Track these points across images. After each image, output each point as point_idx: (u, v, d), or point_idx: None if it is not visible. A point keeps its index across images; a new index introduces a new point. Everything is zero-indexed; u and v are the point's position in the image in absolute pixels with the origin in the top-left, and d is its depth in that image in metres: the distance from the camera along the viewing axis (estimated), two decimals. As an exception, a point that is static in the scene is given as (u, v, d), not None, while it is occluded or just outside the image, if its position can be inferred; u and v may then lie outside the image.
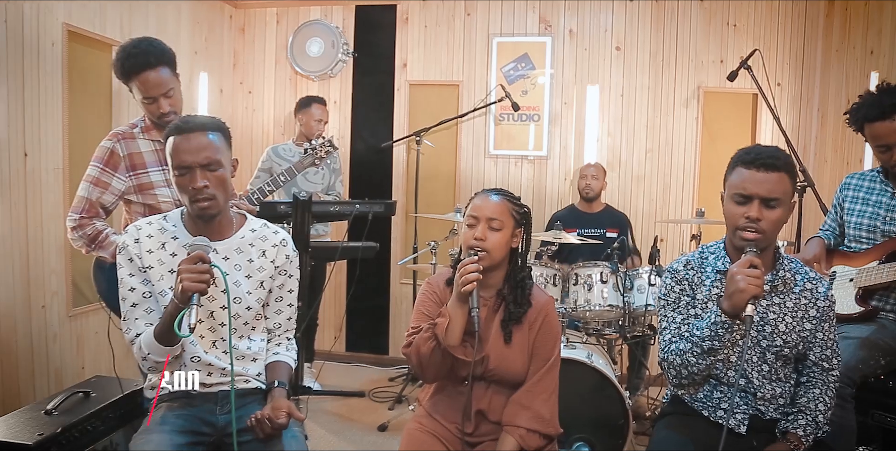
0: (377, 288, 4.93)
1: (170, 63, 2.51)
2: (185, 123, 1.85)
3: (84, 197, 2.50)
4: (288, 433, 1.84)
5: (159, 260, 1.89)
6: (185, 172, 1.82)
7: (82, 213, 2.49)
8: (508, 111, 4.68)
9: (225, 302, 1.89)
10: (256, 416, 1.77)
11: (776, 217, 1.79)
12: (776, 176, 1.79)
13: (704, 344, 1.78)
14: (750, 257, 1.72)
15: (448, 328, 1.90)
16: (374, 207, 3.61)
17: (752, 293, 1.66)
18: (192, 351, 1.89)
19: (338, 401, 4.09)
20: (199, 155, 1.81)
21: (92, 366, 3.48)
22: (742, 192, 1.80)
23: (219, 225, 1.95)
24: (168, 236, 1.92)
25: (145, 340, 1.81)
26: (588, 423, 2.93)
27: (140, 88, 2.48)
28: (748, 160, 1.81)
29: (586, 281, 3.37)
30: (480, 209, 1.99)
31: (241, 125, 5.08)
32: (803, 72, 4.51)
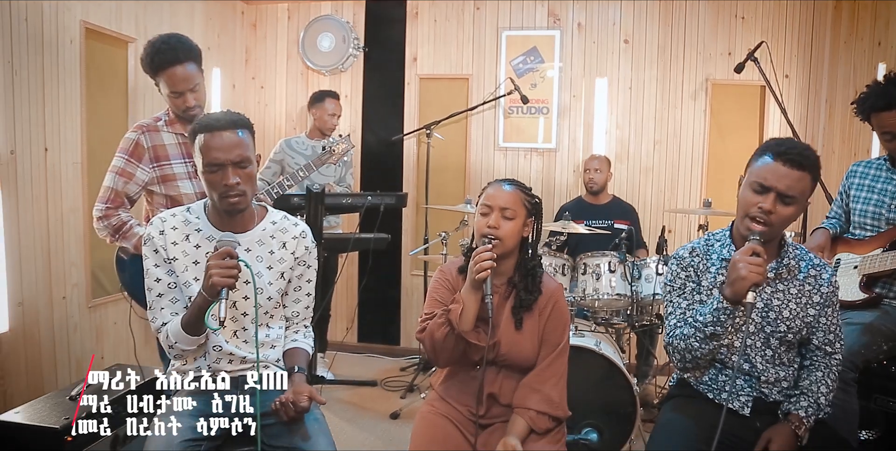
0: (388, 280, 5.00)
1: (196, 59, 2.59)
2: (217, 121, 1.88)
3: (109, 187, 2.57)
4: (310, 416, 1.91)
5: (183, 252, 1.95)
6: (217, 170, 1.86)
7: (108, 203, 2.57)
8: (517, 104, 4.73)
9: (247, 293, 1.95)
10: (280, 400, 1.83)
11: (788, 213, 1.81)
12: (799, 174, 1.79)
13: (707, 329, 1.82)
14: (753, 244, 1.75)
15: (462, 314, 1.95)
16: (386, 199, 3.68)
17: (753, 281, 1.69)
18: (215, 340, 1.96)
19: (350, 390, 4.16)
20: (231, 153, 1.85)
21: (111, 355, 3.57)
22: (762, 182, 1.81)
23: (241, 218, 2.00)
24: (192, 228, 1.98)
25: (172, 329, 1.88)
26: (597, 410, 2.98)
27: (167, 83, 2.55)
28: (778, 152, 1.81)
29: (594, 271, 3.42)
30: (494, 198, 2.04)
31: (254, 120, 4.95)
32: (811, 63, 4.53)
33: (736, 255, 1.75)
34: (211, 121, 1.89)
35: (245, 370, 1.99)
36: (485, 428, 2.03)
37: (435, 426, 2.03)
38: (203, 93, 2.64)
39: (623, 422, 2.99)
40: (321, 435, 1.89)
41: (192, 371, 1.99)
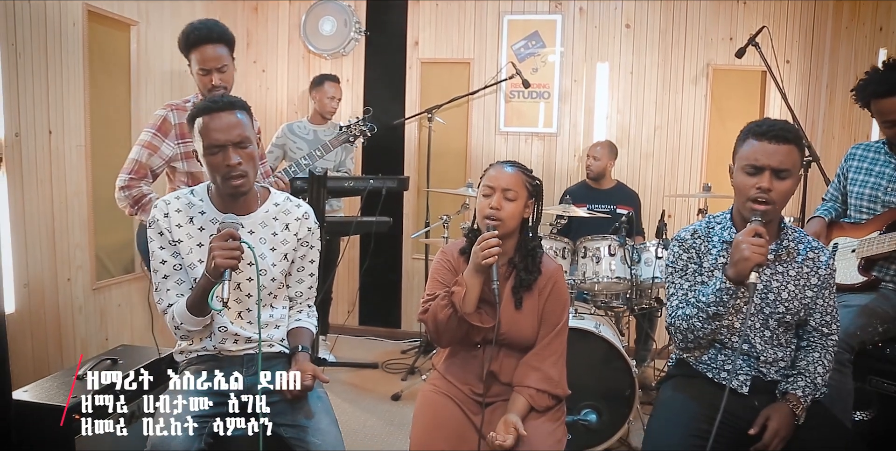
0: (390, 263, 5.03)
1: (228, 43, 2.73)
2: (214, 102, 1.91)
3: (134, 159, 2.67)
4: (313, 394, 1.94)
5: (188, 234, 1.97)
6: (218, 151, 1.88)
7: (132, 173, 2.66)
8: (519, 89, 4.73)
9: (250, 275, 1.98)
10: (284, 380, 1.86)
11: (786, 188, 1.85)
12: (787, 148, 1.83)
13: (710, 309, 1.86)
14: (755, 225, 1.79)
15: (465, 297, 1.98)
16: (388, 183, 3.69)
17: (756, 261, 1.73)
18: (220, 321, 1.99)
19: (352, 372, 4.21)
20: (231, 133, 1.87)
21: (115, 337, 3.61)
22: (754, 163, 1.85)
23: (245, 200, 2.02)
24: (196, 210, 2.00)
25: (178, 310, 1.91)
26: (596, 392, 3.02)
27: (197, 59, 2.67)
28: (760, 132, 1.86)
29: (595, 254, 3.45)
30: (496, 180, 2.06)
31: (255, 103, 5.14)
32: (812, 49, 4.52)
33: (739, 236, 1.79)
34: (208, 103, 1.91)
35: (251, 349, 2.03)
36: (486, 407, 2.06)
37: (437, 404, 2.07)
38: (231, 77, 2.75)
39: (622, 404, 3.03)
40: (324, 414, 1.92)
41: (196, 351, 2.03)
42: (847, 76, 4.20)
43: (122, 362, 2.57)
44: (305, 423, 1.87)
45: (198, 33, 2.65)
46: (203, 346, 2.03)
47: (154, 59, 3.91)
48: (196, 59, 2.67)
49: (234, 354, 2.02)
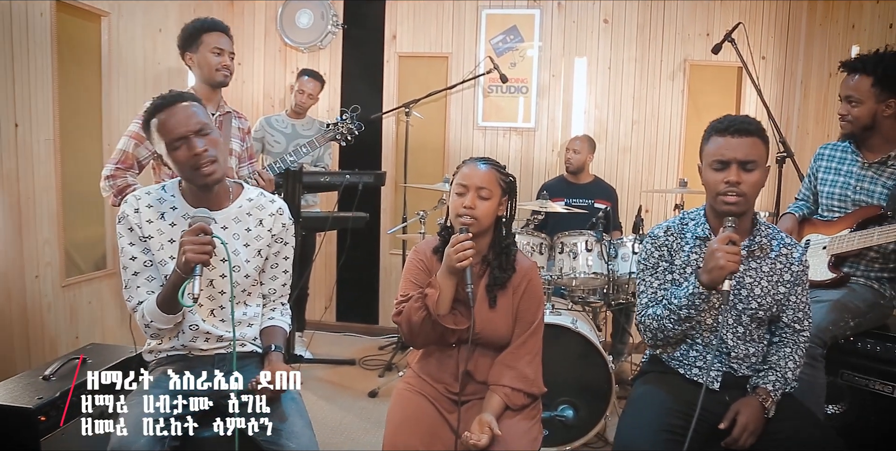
0: (367, 258, 5.00)
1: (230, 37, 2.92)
2: (162, 99, 1.89)
3: (122, 150, 2.70)
4: (287, 396, 1.90)
5: (158, 230, 1.93)
6: (181, 144, 1.84)
7: (118, 163, 2.70)
8: (497, 83, 4.72)
9: (223, 271, 1.95)
10: (258, 380, 1.82)
11: (754, 180, 1.87)
12: (750, 140, 1.87)
13: (682, 313, 1.88)
14: (728, 233, 1.81)
15: (438, 299, 1.96)
16: (364, 178, 3.66)
17: (731, 270, 1.76)
18: (191, 319, 1.95)
19: (329, 369, 4.18)
20: (189, 122, 1.84)
21: (86, 335, 3.54)
22: (720, 158, 1.88)
23: (217, 195, 1.98)
24: (167, 206, 1.96)
25: (148, 308, 1.87)
26: (573, 387, 3.02)
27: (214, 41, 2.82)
28: (722, 128, 1.90)
29: (571, 249, 3.45)
30: (469, 178, 2.03)
31: (231, 97, 5.06)
32: (787, 45, 4.56)
33: (713, 243, 1.80)
34: (159, 102, 1.89)
35: (222, 348, 1.99)
36: (461, 406, 2.05)
37: (411, 403, 2.04)
38: (233, 66, 2.93)
39: (599, 399, 3.03)
40: (297, 416, 1.89)
41: (166, 351, 2.00)
42: (821, 72, 4.24)
43: (91, 361, 2.52)
44: (279, 426, 1.83)
45: (212, 22, 2.84)
46: (172, 345, 1.99)
47: (127, 52, 3.83)
48: (209, 41, 2.81)
49: (205, 353, 1.99)
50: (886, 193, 2.52)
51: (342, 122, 3.32)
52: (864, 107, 2.51)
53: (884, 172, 2.55)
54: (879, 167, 2.56)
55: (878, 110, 2.50)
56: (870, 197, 2.57)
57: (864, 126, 2.54)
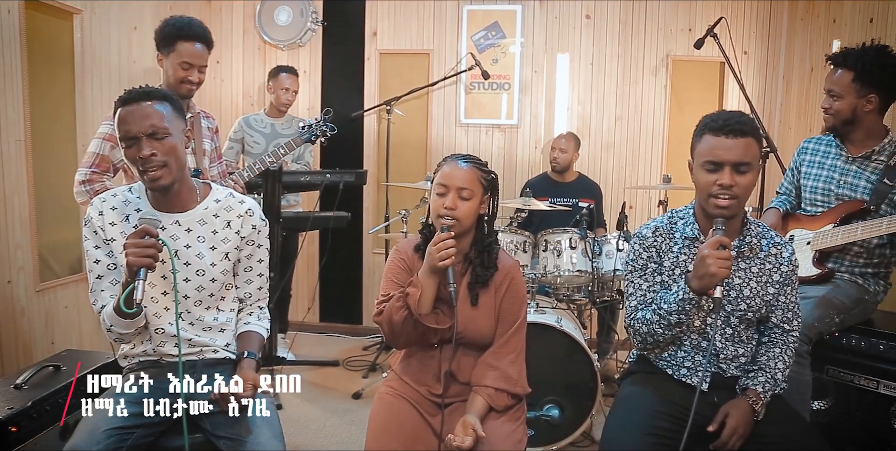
0: (350, 258, 4.95)
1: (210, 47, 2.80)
2: (129, 93, 1.83)
3: (95, 152, 2.62)
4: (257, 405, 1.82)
5: (122, 233, 1.87)
6: (133, 143, 1.78)
7: (93, 167, 2.61)
8: (479, 80, 4.68)
9: (188, 275, 1.90)
10: (220, 391, 1.76)
11: (747, 182, 1.82)
12: (745, 141, 1.80)
13: (672, 318, 1.85)
14: (719, 237, 1.75)
15: (420, 298, 1.93)
16: (345, 177, 3.62)
17: (722, 277, 1.71)
18: (157, 323, 1.89)
19: (313, 370, 4.12)
20: (143, 124, 1.77)
21: (62, 340, 3.47)
22: (713, 159, 1.81)
23: (180, 196, 1.92)
24: (131, 208, 1.90)
25: (107, 312, 1.81)
26: (558, 386, 2.99)
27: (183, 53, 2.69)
28: (716, 127, 1.82)
29: (555, 247, 3.42)
30: (450, 178, 1.99)
31: (209, 96, 5.01)
32: (769, 40, 4.55)
33: (704, 249, 1.75)
34: (125, 95, 1.83)
35: (192, 354, 1.94)
36: (444, 408, 2.01)
37: (392, 407, 2.00)
38: (204, 77, 2.81)
39: (584, 398, 3.00)
40: (266, 427, 1.81)
41: (138, 356, 1.94)
42: (802, 67, 4.24)
43: (65, 368, 2.46)
44: (245, 438, 1.77)
45: (190, 28, 2.70)
46: (144, 350, 1.93)
47: (101, 51, 3.75)
48: (182, 52, 2.69)
49: (175, 360, 1.92)
50: (870, 188, 2.51)
51: (317, 124, 3.27)
52: (845, 101, 2.50)
53: (867, 167, 2.53)
54: (863, 161, 2.55)
55: (858, 105, 2.48)
56: (853, 191, 2.56)
57: (845, 120, 2.53)
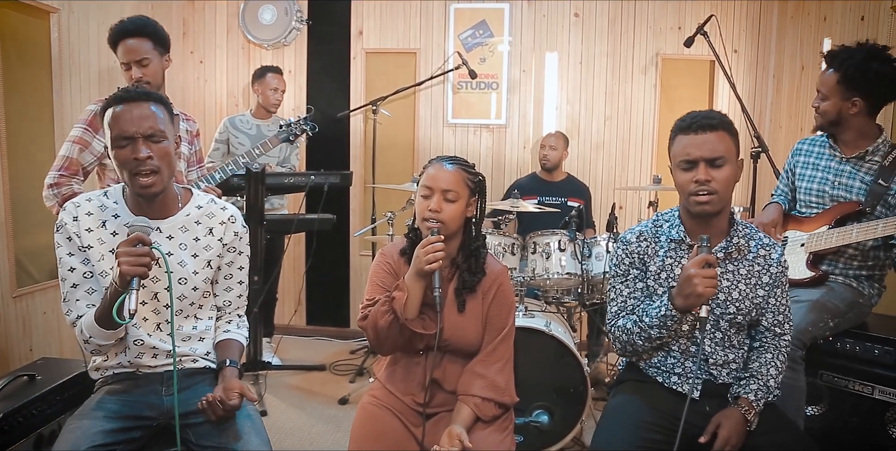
0: (337, 260, 4.88)
1: (154, 37, 2.68)
2: (126, 92, 1.76)
3: (65, 156, 2.58)
4: (242, 413, 1.79)
5: (99, 239, 1.80)
6: (127, 144, 1.71)
7: (62, 170, 2.57)
8: (466, 79, 4.62)
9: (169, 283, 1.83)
10: (207, 398, 1.71)
11: (725, 176, 1.79)
12: (714, 135, 1.79)
13: (652, 332, 1.81)
14: (704, 255, 1.71)
15: (406, 303, 1.87)
16: (330, 179, 3.55)
17: (708, 296, 1.68)
18: (136, 334, 1.82)
19: (298, 375, 4.05)
20: (141, 125, 1.71)
21: (40, 347, 3.38)
22: (686, 158, 1.81)
23: (162, 202, 1.85)
24: (108, 213, 1.83)
25: (86, 323, 1.73)
26: (548, 391, 2.94)
27: (120, 54, 2.65)
28: (684, 127, 1.83)
29: (544, 249, 3.36)
30: (435, 180, 1.94)
31: (193, 96, 4.93)
32: (759, 38, 4.52)
33: (690, 268, 1.70)
34: (120, 93, 1.75)
35: (169, 366, 1.86)
36: (429, 418, 1.95)
37: (375, 418, 1.95)
38: (155, 72, 2.70)
39: (574, 402, 2.95)
40: (254, 434, 1.76)
41: (112, 368, 1.87)
42: (793, 66, 4.21)
43: (40, 378, 2.37)
44: (233, 446, 1.72)
45: (120, 27, 2.63)
46: (119, 362, 1.85)
47: (79, 51, 3.67)
48: (124, 52, 2.64)
49: (153, 370, 1.86)
50: (865, 189, 2.47)
51: (296, 123, 3.21)
52: (830, 102, 2.47)
53: (861, 168, 2.49)
54: (857, 162, 2.51)
55: (843, 107, 2.45)
56: (848, 192, 2.52)
57: (831, 121, 2.50)
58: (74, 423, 1.67)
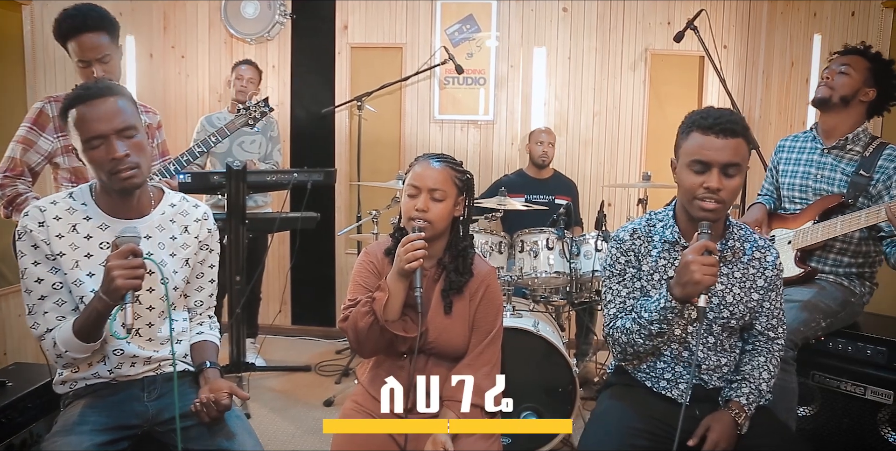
0: (322, 259, 4.80)
1: (109, 30, 2.50)
2: (87, 89, 1.66)
3: (9, 156, 2.49)
4: (230, 414, 1.74)
5: (72, 245, 1.70)
6: (100, 144, 1.63)
7: (6, 172, 2.48)
8: (453, 75, 4.55)
9: (151, 284, 1.75)
10: (201, 400, 1.66)
11: (735, 185, 1.71)
12: (735, 142, 1.68)
13: (653, 327, 1.73)
14: (704, 241, 1.63)
15: (387, 304, 1.82)
16: (313, 176, 3.48)
17: (707, 284, 1.60)
18: (116, 344, 1.74)
19: (283, 377, 3.98)
20: (112, 121, 1.63)
21: (16, 352, 3.29)
22: (701, 159, 1.69)
23: (137, 201, 1.78)
24: (79, 216, 1.73)
25: (61, 336, 1.64)
26: (536, 392, 2.90)
27: (75, 51, 2.47)
28: (706, 125, 1.69)
29: (532, 248, 3.31)
30: (422, 178, 1.89)
31: (175, 92, 4.83)
32: (748, 34, 4.49)
33: (689, 254, 1.62)
34: (82, 91, 1.66)
35: (150, 372, 1.80)
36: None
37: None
38: (115, 67, 2.55)
39: (563, 403, 2.92)
40: (246, 434, 1.73)
41: (85, 379, 1.77)
42: (783, 62, 4.17)
43: (11, 384, 2.29)
44: (227, 446, 1.68)
45: (72, 21, 2.43)
46: (95, 372, 1.76)
47: (54, 45, 3.47)
48: (74, 50, 2.47)
49: (132, 378, 1.78)
50: (846, 181, 2.45)
51: (255, 106, 3.08)
52: (852, 79, 2.44)
53: (843, 159, 2.49)
54: (838, 153, 2.50)
55: (861, 90, 2.44)
56: (830, 185, 2.50)
57: (843, 97, 2.46)
58: (60, 440, 1.59)
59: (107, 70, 2.48)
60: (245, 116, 3.04)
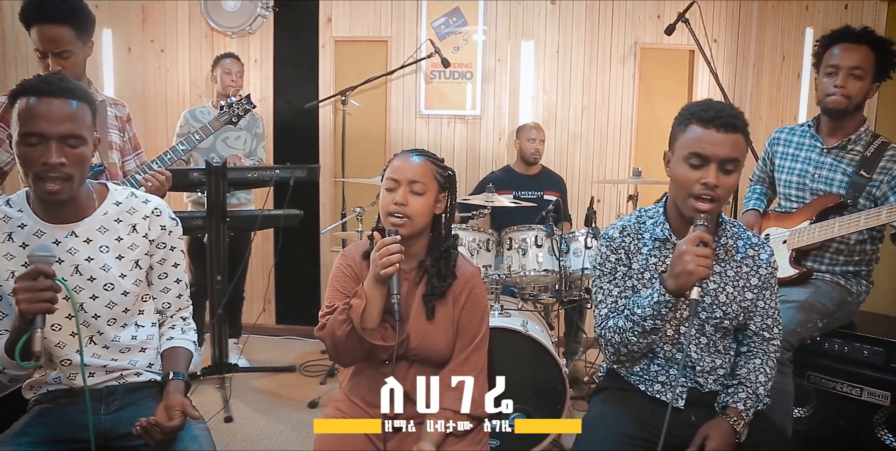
0: (307, 257, 4.72)
1: (76, 24, 2.32)
2: (47, 84, 1.54)
3: None
4: (187, 433, 1.61)
5: (7, 255, 1.60)
6: (37, 143, 1.50)
7: None
8: (439, 69, 4.47)
9: (94, 291, 1.66)
10: (142, 423, 1.53)
11: (732, 183, 1.64)
12: (735, 137, 1.61)
13: (646, 324, 1.66)
14: (700, 232, 1.57)
15: (364, 311, 1.74)
16: (296, 173, 3.40)
17: (701, 276, 1.53)
18: (62, 354, 1.64)
19: (267, 377, 3.89)
20: (60, 125, 1.51)
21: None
22: (700, 152, 1.61)
23: (74, 204, 1.65)
24: (14, 224, 1.63)
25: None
26: (525, 392, 2.84)
27: (34, 40, 2.31)
28: (706, 118, 1.61)
29: (520, 246, 3.23)
30: (401, 171, 1.81)
31: (154, 86, 4.72)
32: (739, 28, 4.43)
33: (682, 245, 1.56)
34: (40, 83, 1.54)
35: (112, 380, 1.70)
36: (397, 432, 1.81)
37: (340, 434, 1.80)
38: (77, 65, 2.37)
39: (553, 403, 2.86)
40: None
41: (48, 385, 1.69)
42: (774, 56, 4.12)
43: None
44: None
45: (35, 8, 2.27)
46: (56, 377, 1.68)
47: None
48: (33, 39, 2.30)
49: (91, 387, 1.68)
50: (846, 181, 2.38)
51: (237, 102, 2.97)
52: (865, 83, 2.31)
53: (843, 159, 2.41)
54: (839, 153, 2.42)
55: (870, 90, 2.33)
56: (829, 185, 2.43)
57: (858, 104, 2.33)
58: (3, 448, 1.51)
59: (65, 66, 2.30)
60: (228, 115, 2.93)
